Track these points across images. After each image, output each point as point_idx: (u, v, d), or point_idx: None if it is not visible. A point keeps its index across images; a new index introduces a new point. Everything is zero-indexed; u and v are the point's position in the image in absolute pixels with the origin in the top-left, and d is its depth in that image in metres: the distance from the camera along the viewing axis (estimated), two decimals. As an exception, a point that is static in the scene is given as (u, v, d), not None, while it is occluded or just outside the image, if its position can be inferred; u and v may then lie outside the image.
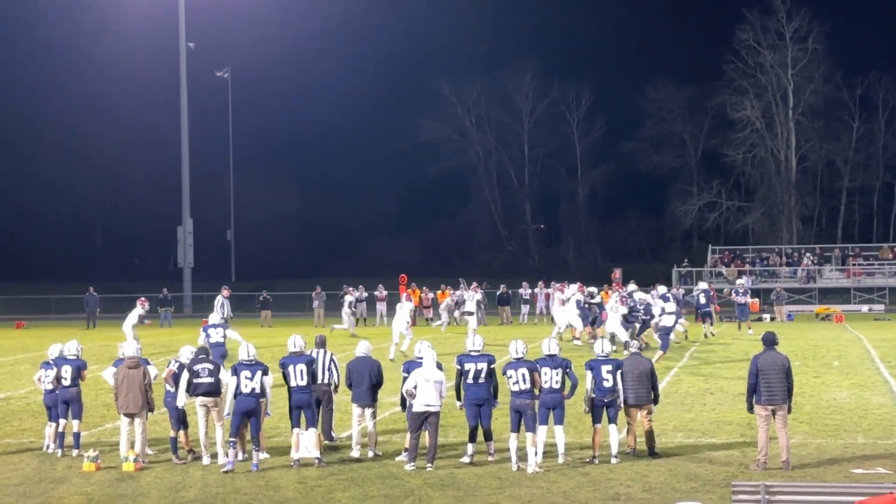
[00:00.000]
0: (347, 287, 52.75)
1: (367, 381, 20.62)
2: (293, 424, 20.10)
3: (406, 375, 19.95)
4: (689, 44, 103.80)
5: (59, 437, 21.21)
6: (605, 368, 19.89)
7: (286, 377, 20.23)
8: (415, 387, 19.47)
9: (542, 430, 19.38)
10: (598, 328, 39.77)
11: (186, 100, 76.88)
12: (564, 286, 47.03)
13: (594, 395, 19.81)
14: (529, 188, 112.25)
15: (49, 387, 21.27)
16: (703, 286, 47.46)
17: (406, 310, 39.33)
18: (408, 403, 19.71)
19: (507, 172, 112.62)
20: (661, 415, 21.97)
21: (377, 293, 56.59)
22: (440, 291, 56.36)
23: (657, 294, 39.50)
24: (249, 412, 19.55)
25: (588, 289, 42.70)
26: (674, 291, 45.06)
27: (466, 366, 20.01)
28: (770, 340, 19.68)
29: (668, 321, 36.55)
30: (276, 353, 26.24)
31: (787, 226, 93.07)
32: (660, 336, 35.91)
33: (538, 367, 19.51)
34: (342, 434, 21.99)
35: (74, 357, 21.40)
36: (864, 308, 66.25)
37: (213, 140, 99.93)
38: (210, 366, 20.20)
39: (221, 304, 41.22)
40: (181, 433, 20.52)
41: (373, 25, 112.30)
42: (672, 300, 38.35)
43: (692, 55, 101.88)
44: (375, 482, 18.52)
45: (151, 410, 20.35)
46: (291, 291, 72.89)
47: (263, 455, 20.33)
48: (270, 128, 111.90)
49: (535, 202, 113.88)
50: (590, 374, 19.88)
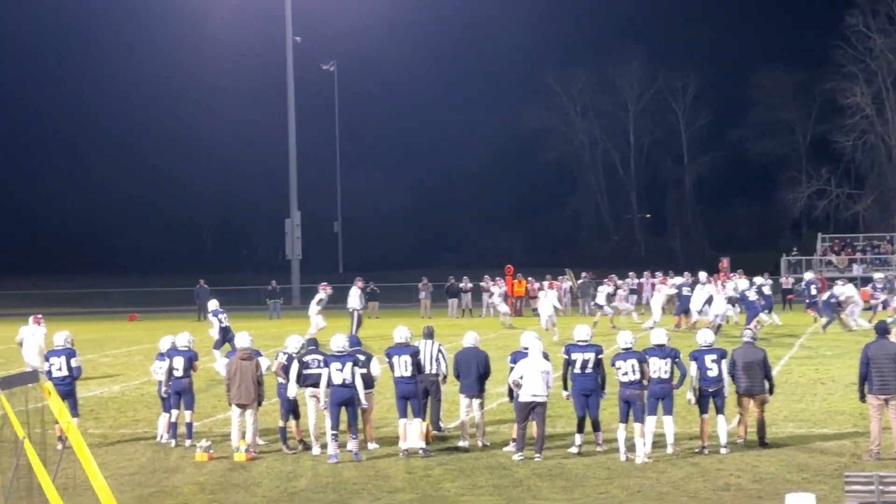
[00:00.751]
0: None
1: (475, 372, 20.64)
2: (399, 415, 20.20)
3: (513, 366, 19.98)
4: (798, 29, 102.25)
5: (173, 428, 21.56)
6: (710, 358, 19.72)
7: (392, 367, 20.37)
8: (521, 377, 19.50)
9: (651, 421, 19.30)
10: (703, 317, 39.63)
11: (293, 93, 77.44)
12: (666, 279, 47.33)
13: (700, 385, 19.69)
14: (635, 177, 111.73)
15: (162, 378, 21.62)
16: (810, 276, 46.88)
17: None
18: (515, 394, 19.73)
19: (613, 162, 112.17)
20: (772, 405, 21.71)
21: (483, 284, 56.60)
22: (546, 282, 56.19)
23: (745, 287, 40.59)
24: (344, 402, 19.68)
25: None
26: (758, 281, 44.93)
27: (574, 356, 19.98)
28: (882, 329, 19.42)
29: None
30: (384, 344, 26.37)
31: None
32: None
33: (647, 358, 19.44)
34: (450, 424, 22.09)
35: (186, 348, 21.69)
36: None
37: (320, 133, 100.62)
38: (320, 357, 20.36)
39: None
40: (292, 423, 20.75)
41: (478, 16, 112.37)
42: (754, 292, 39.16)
43: (800, 41, 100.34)
44: (484, 472, 18.58)
45: (260, 403, 20.61)
46: (398, 283, 73.15)
47: (373, 445, 20.50)
48: (377, 120, 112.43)
49: (641, 191, 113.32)
50: (694, 365, 19.75)
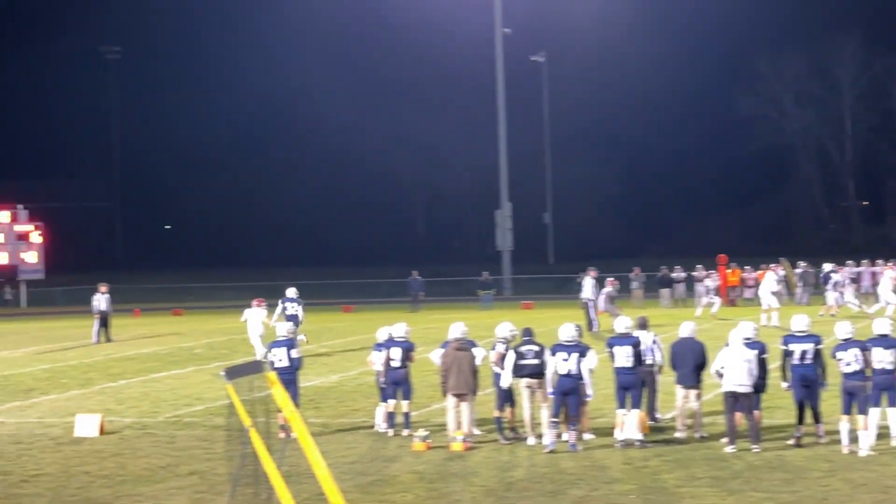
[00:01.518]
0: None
1: (691, 362, 20.45)
2: (618, 405, 20.13)
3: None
4: None
5: (390, 417, 21.88)
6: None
7: (612, 357, 20.29)
8: (722, 367, 19.28)
9: (875, 412, 18.82)
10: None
11: (503, 84, 77.69)
12: (892, 265, 46.15)
13: None
14: (851, 164, 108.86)
15: (380, 368, 21.93)
16: None
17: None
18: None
19: (827, 149, 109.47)
20: None
21: (696, 274, 55.88)
22: (760, 272, 55.23)
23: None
24: (568, 392, 19.69)
25: None
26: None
27: (792, 346, 19.64)
28: None
29: None
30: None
31: None
32: None
33: (869, 347, 18.95)
34: (666, 415, 21.92)
35: (403, 339, 21.95)
36: None
37: (530, 123, 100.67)
38: (536, 347, 20.39)
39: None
40: (507, 413, 20.85)
41: (687, 3, 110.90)
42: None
43: None
44: (702, 464, 18.41)
45: (476, 393, 20.74)
46: (609, 273, 72.71)
47: (588, 436, 20.48)
48: (587, 109, 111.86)
49: (858, 179, 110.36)
50: None
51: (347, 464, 19.27)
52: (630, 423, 19.81)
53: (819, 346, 19.59)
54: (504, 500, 16.74)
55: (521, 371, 20.40)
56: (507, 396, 20.75)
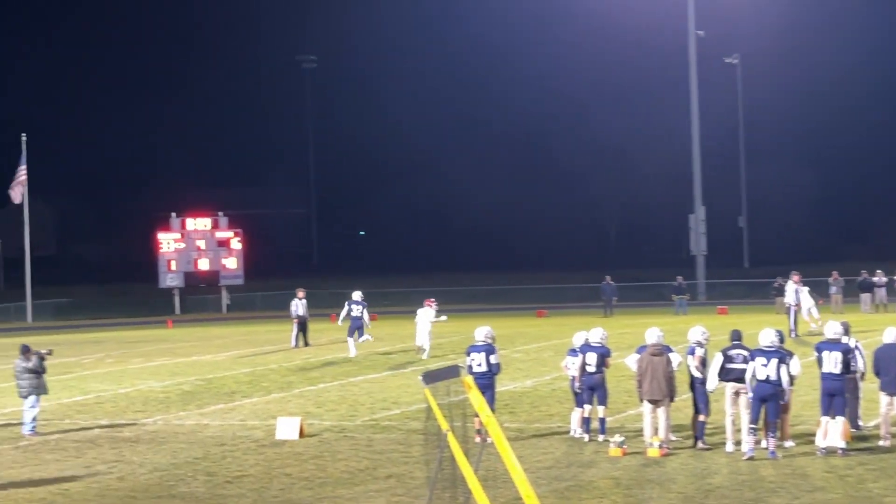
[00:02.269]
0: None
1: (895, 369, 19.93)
2: (822, 412, 19.68)
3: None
4: None
5: (586, 423, 21.80)
6: None
7: (820, 363, 19.86)
8: None
9: None
10: None
11: (696, 88, 76.83)
12: None
13: None
14: None
15: (575, 373, 21.86)
16: None
17: None
18: None
19: None
20: None
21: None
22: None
23: None
24: (766, 398, 19.34)
25: None
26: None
27: None
28: None
29: None
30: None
31: None
32: None
33: None
34: (869, 423, 21.38)
35: (599, 344, 21.84)
36: None
37: (724, 126, 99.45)
38: (744, 352, 20.03)
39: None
40: (702, 417, 20.57)
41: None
42: None
43: None
44: (908, 473, 17.92)
45: (673, 398, 20.51)
46: (807, 277, 71.31)
47: (789, 443, 20.10)
48: (782, 111, 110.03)
49: None
50: None
51: (543, 469, 19.26)
52: (834, 431, 19.36)
53: None
54: (702, 508, 16.56)
55: (728, 375, 20.10)
56: (706, 400, 20.46)
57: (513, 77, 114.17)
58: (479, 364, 21.46)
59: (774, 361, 19.37)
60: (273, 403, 28.19)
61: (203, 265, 76.84)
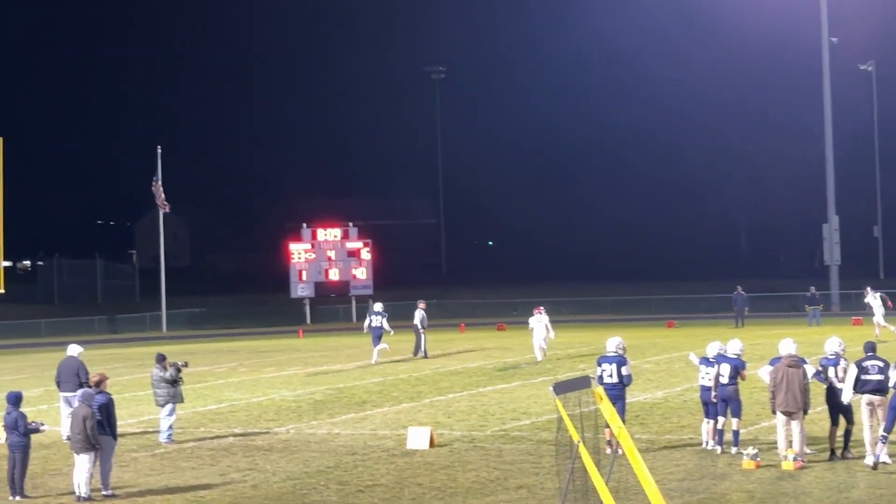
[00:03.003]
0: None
1: None
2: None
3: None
4: None
5: (719, 434, 21.55)
6: None
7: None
8: None
9: None
10: None
11: (830, 95, 75.68)
12: None
13: None
14: None
15: (709, 384, 21.59)
16: None
17: None
18: None
19: None
20: None
21: None
22: None
23: None
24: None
25: None
26: None
27: None
28: None
29: None
30: None
31: None
32: None
33: None
34: None
35: (735, 356, 21.55)
36: None
37: (857, 134, 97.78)
38: (880, 363, 19.69)
39: None
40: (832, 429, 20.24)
41: None
42: None
43: None
44: None
45: (806, 411, 20.17)
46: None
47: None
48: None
49: None
50: None
51: (675, 481, 19.08)
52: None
53: None
54: (839, 522, 16.28)
55: (864, 387, 19.74)
56: (842, 412, 20.12)
57: (640, 86, 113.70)
58: (611, 375, 21.34)
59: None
60: (403, 413, 28.33)
61: (333, 275, 77.46)
